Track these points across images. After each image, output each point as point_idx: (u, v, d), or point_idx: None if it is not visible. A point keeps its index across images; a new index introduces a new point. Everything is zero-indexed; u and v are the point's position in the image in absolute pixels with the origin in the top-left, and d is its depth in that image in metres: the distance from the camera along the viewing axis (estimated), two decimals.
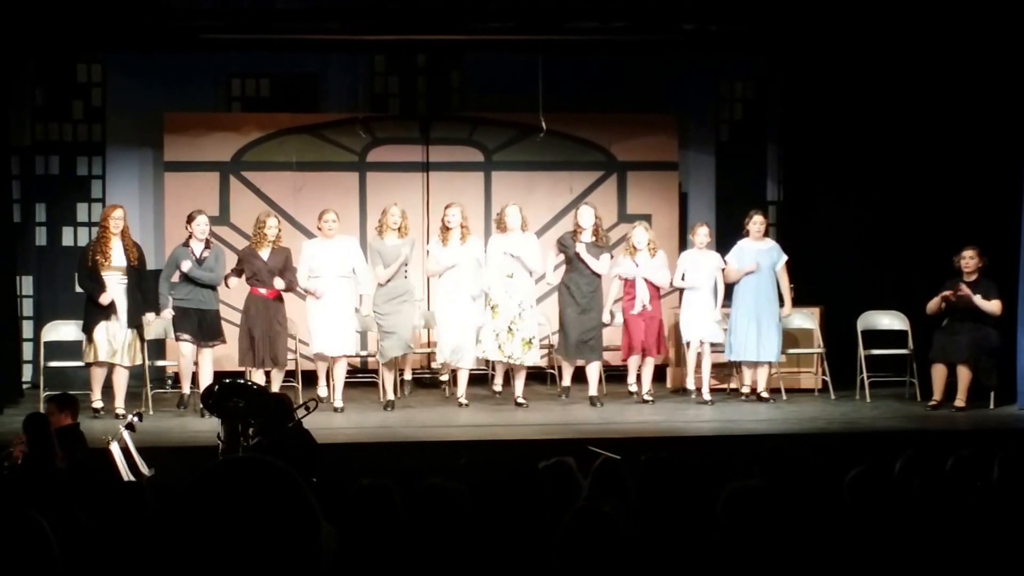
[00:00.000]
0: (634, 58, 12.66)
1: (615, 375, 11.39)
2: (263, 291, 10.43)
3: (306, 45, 12.06)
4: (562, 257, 10.98)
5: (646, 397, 10.87)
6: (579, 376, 11.10)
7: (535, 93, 12.01)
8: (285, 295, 10.60)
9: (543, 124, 12.17)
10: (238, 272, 10.53)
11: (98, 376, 10.19)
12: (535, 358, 10.88)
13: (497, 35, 11.58)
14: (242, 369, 10.37)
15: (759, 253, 10.97)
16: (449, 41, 11.95)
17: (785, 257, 11.12)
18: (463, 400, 10.68)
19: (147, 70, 12.32)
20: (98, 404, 10.13)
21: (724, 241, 11.63)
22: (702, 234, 11.01)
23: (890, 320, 11.36)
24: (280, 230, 10.66)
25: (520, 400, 10.74)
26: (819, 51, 12.04)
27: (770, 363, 10.97)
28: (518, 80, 12.38)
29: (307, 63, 12.62)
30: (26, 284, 12.19)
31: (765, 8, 11.28)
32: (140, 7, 10.73)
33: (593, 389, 10.86)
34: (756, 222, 11.03)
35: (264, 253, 10.48)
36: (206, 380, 10.11)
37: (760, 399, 10.90)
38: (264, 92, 12.75)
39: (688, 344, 10.94)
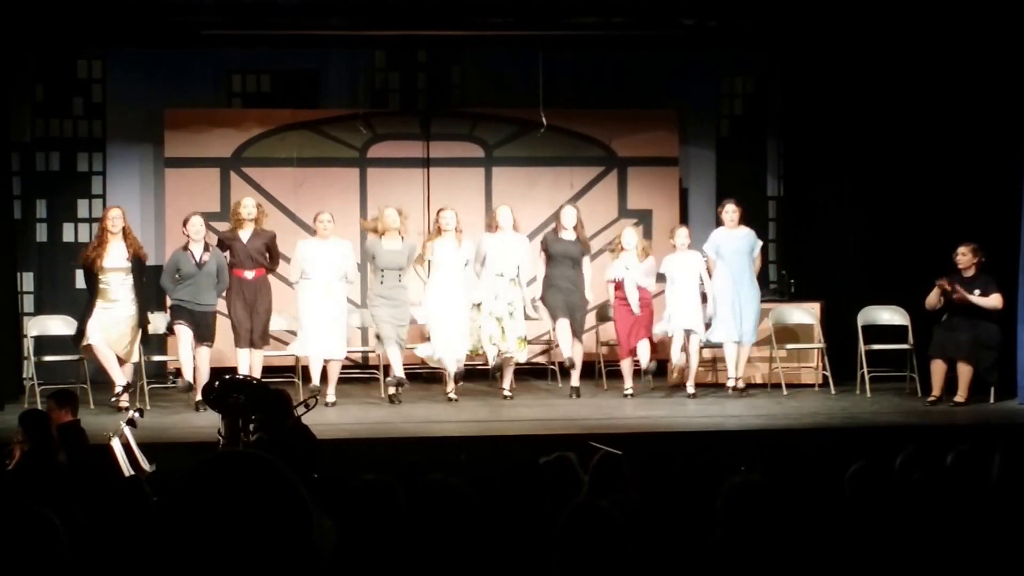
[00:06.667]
0: (634, 53, 12.64)
1: (617, 371, 11.36)
2: (246, 274, 10.49)
3: (306, 41, 12.07)
4: (543, 255, 10.95)
5: (646, 370, 10.86)
6: (585, 373, 11.11)
7: (535, 89, 12.00)
8: (273, 282, 10.70)
9: (543, 120, 12.16)
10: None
11: (105, 354, 10.14)
12: (525, 355, 10.86)
13: (497, 31, 11.58)
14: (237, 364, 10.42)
15: (734, 241, 11.01)
16: (449, 37, 11.95)
17: (760, 243, 11.20)
18: (453, 395, 10.68)
19: (147, 66, 12.33)
20: (121, 381, 10.09)
21: None
22: (682, 235, 11.04)
23: (890, 315, 11.35)
24: (258, 207, 10.70)
25: (507, 393, 10.74)
26: (819, 46, 12.04)
27: (740, 344, 10.89)
28: (518, 76, 12.38)
29: (307, 59, 12.61)
30: (27, 280, 12.18)
31: (765, 3, 11.28)
32: (140, 3, 10.73)
33: (575, 380, 10.88)
34: (728, 211, 11.07)
35: (244, 235, 10.53)
36: (203, 379, 10.10)
37: (735, 390, 10.86)
38: (264, 88, 12.74)
39: (672, 336, 10.89)
